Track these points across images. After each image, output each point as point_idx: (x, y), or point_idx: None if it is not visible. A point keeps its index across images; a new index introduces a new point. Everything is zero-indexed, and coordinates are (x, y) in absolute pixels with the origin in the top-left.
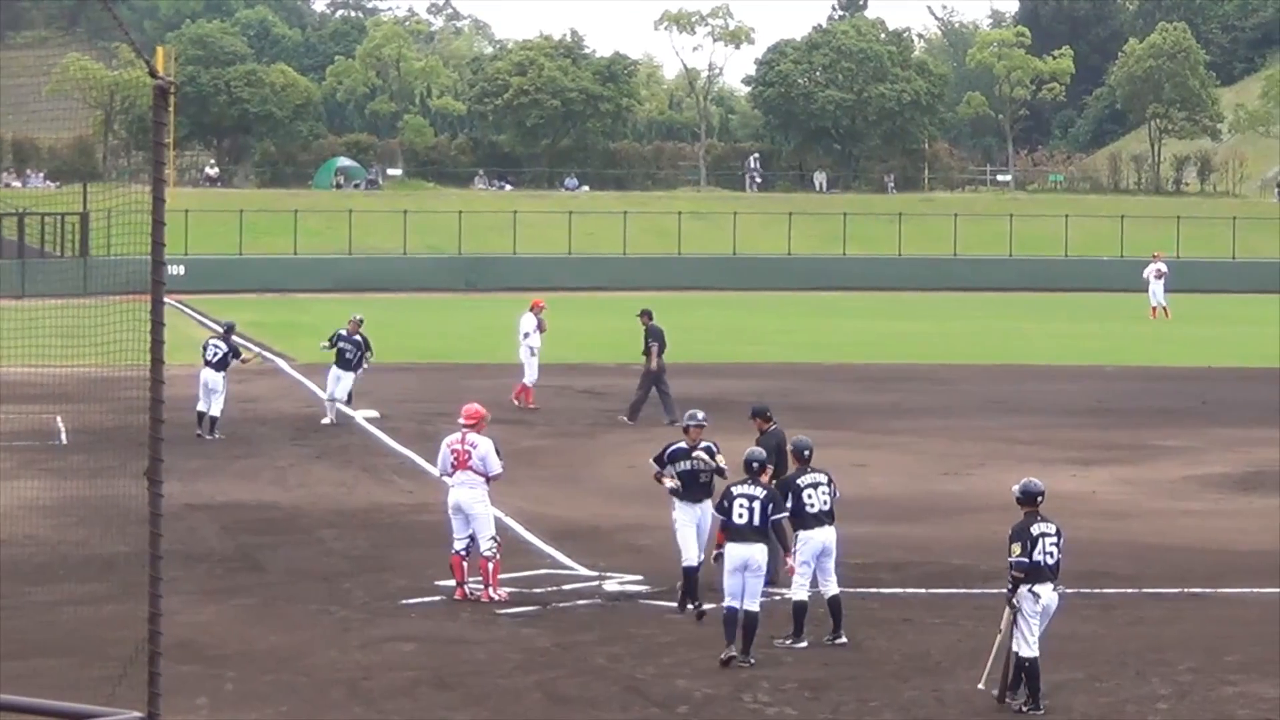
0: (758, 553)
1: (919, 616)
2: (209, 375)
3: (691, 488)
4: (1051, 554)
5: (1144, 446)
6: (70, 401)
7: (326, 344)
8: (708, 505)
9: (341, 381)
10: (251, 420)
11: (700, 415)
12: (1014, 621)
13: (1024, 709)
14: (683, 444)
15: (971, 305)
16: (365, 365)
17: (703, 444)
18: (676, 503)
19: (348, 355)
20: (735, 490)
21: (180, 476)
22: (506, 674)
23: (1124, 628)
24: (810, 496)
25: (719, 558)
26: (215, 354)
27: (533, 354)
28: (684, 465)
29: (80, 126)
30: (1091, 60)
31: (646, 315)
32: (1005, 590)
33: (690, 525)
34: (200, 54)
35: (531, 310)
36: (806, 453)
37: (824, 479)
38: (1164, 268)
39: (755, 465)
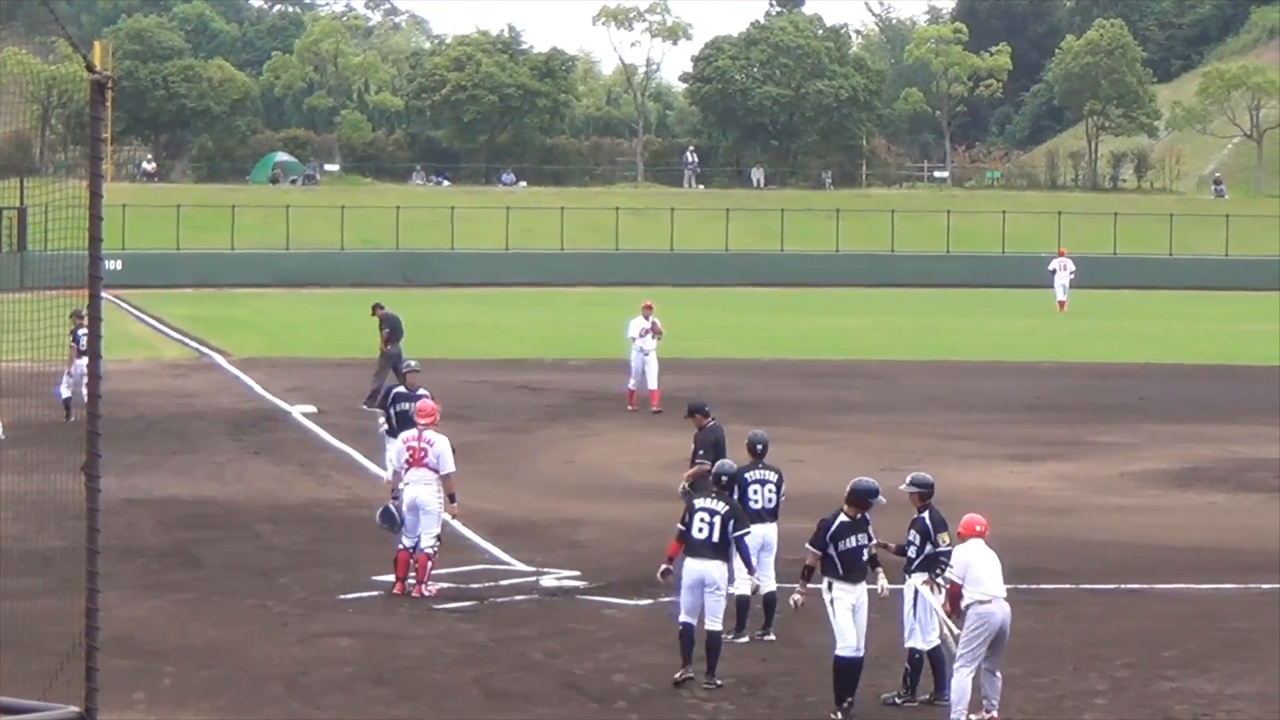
0: (715, 570)
1: None
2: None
3: (853, 568)
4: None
5: (1081, 443)
6: (6, 396)
7: (389, 413)
8: (863, 587)
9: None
10: (189, 416)
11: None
12: (921, 614)
13: (904, 699)
14: (844, 518)
15: (909, 301)
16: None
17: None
18: (833, 581)
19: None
20: (697, 504)
21: (117, 471)
22: (444, 669)
23: (1061, 623)
24: (755, 492)
25: (666, 573)
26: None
27: (643, 356)
28: (849, 543)
29: (17, 121)
30: (1029, 57)
31: (378, 307)
32: (935, 580)
33: (848, 609)
34: (137, 49)
35: (643, 314)
36: (760, 447)
37: (773, 477)
38: (1065, 264)
39: (725, 479)
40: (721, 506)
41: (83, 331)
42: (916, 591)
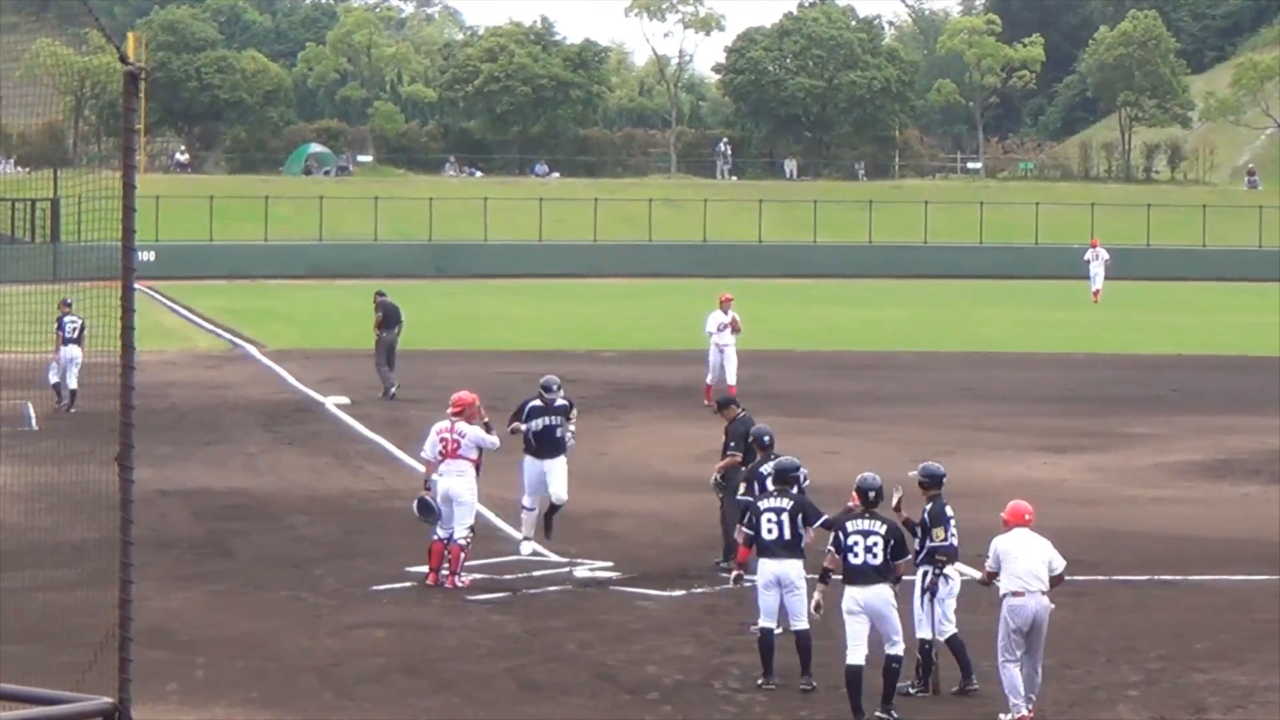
0: (791, 568)
1: None
2: (70, 350)
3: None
4: (955, 535)
5: (1114, 434)
6: (41, 387)
7: (520, 427)
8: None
9: (551, 476)
10: (222, 407)
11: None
12: (928, 606)
13: (918, 689)
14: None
15: (942, 293)
16: (571, 439)
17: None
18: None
19: (558, 434)
20: (761, 504)
21: (151, 462)
22: (477, 660)
23: (1094, 615)
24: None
25: (738, 578)
26: (74, 329)
27: (720, 351)
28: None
29: (51, 112)
30: (1062, 48)
31: (379, 295)
32: (929, 575)
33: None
34: (171, 40)
35: (721, 308)
36: (766, 439)
37: None
38: (1098, 254)
39: (792, 476)
40: (786, 503)
41: (69, 319)
42: (925, 582)
